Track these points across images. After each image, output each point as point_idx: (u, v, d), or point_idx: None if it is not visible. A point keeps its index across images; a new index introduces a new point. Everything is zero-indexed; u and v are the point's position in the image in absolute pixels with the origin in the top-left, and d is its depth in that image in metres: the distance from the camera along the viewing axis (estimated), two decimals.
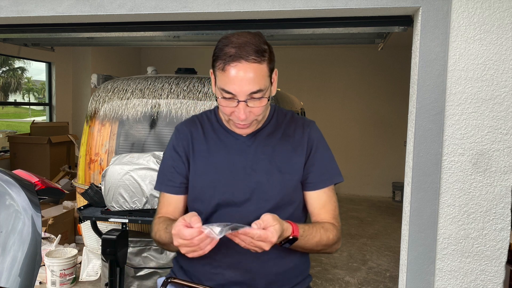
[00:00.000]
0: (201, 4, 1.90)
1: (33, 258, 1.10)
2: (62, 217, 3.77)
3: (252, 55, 1.06)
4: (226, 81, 1.08)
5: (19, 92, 9.99)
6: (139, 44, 4.37)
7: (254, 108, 1.11)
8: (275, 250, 1.17)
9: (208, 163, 1.23)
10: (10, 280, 1.04)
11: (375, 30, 2.24)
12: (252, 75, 1.07)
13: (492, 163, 1.76)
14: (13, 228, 1.11)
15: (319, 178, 1.23)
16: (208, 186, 1.21)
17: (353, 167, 6.51)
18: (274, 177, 1.19)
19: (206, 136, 1.26)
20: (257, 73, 1.08)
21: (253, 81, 1.07)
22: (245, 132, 1.20)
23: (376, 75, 6.41)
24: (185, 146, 1.26)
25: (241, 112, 1.09)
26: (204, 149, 1.24)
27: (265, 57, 1.10)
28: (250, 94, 1.08)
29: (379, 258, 3.87)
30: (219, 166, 1.22)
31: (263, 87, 1.10)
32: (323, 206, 1.23)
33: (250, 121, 1.14)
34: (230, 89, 1.08)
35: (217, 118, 1.29)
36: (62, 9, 2.03)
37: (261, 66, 1.09)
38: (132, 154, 2.56)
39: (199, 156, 1.24)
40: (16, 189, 1.17)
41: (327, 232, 1.18)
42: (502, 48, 1.72)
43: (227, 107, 1.11)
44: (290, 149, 1.23)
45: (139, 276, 2.60)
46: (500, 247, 1.79)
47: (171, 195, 1.27)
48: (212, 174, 1.22)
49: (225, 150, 1.23)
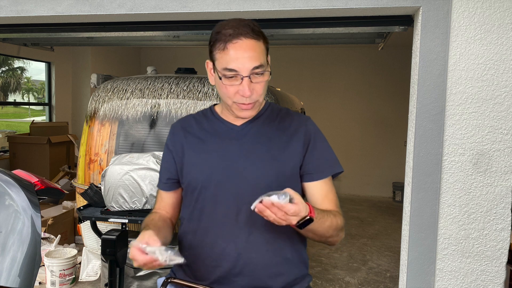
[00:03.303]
0: (201, 3, 1.90)
1: (33, 258, 1.10)
2: (61, 217, 3.77)
3: (249, 32, 1.11)
4: (228, 60, 1.10)
5: (18, 92, 9.99)
6: (139, 44, 4.37)
7: (257, 86, 1.13)
8: (274, 241, 1.19)
9: (202, 151, 1.24)
10: (10, 280, 1.04)
11: (375, 30, 2.24)
12: (252, 50, 1.10)
13: (493, 163, 1.76)
14: (12, 228, 1.10)
15: (319, 169, 1.23)
16: (202, 173, 1.22)
17: (353, 167, 6.51)
18: (269, 165, 1.19)
19: (200, 128, 1.28)
20: (257, 49, 1.11)
21: (254, 56, 1.10)
22: (249, 115, 1.20)
23: (376, 75, 6.41)
24: (177, 142, 1.28)
25: (246, 89, 1.11)
26: (197, 140, 1.26)
27: (260, 36, 1.14)
28: (252, 70, 1.10)
29: (379, 258, 3.87)
30: (213, 153, 1.23)
31: (263, 63, 1.13)
32: (326, 196, 1.23)
33: (254, 100, 1.15)
34: (233, 66, 1.10)
35: (212, 112, 1.30)
36: (61, 8, 2.03)
37: (259, 43, 1.13)
38: (132, 154, 2.55)
39: (193, 146, 1.25)
40: (16, 189, 1.17)
41: (336, 218, 1.17)
42: (502, 48, 1.72)
43: (231, 86, 1.13)
44: (286, 139, 1.23)
45: (139, 276, 2.60)
46: (501, 247, 1.79)
47: (162, 191, 1.33)
48: (206, 161, 1.23)
49: (220, 138, 1.24)
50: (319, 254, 3.92)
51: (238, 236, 1.18)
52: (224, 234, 1.19)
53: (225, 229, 1.19)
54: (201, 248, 1.22)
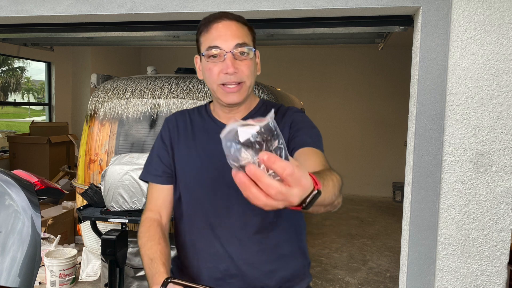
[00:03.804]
0: (201, 3, 1.90)
1: (33, 258, 1.10)
2: (61, 217, 3.77)
3: (233, 17, 1.12)
4: (211, 38, 1.10)
5: (18, 92, 10.00)
6: (139, 44, 4.37)
7: (242, 65, 1.10)
8: (267, 240, 1.16)
9: (191, 148, 1.21)
10: (10, 280, 1.04)
11: (375, 30, 2.24)
12: (236, 29, 1.10)
13: (493, 163, 1.76)
14: (12, 228, 1.10)
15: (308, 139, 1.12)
16: (190, 171, 1.19)
17: (353, 167, 6.51)
18: None
19: (192, 124, 1.25)
20: (240, 30, 1.11)
21: (237, 35, 1.10)
22: (235, 100, 1.13)
23: (376, 75, 6.41)
24: (171, 134, 1.25)
25: (229, 64, 1.08)
26: (187, 136, 1.23)
27: (246, 24, 1.14)
28: (235, 47, 1.09)
29: (379, 259, 3.87)
30: (201, 151, 1.19)
31: (248, 43, 1.11)
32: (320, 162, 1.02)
33: (239, 80, 1.10)
34: (216, 42, 1.09)
35: (206, 109, 1.28)
36: (61, 8, 2.03)
37: (244, 27, 1.13)
38: (132, 154, 2.55)
39: (182, 142, 1.23)
40: (16, 189, 1.17)
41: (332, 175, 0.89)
42: (502, 48, 1.72)
43: (215, 66, 1.10)
44: None
45: (139, 276, 2.60)
46: (501, 248, 1.79)
47: (157, 185, 1.24)
48: (194, 159, 1.19)
49: (209, 137, 1.20)
50: (319, 254, 3.92)
51: (229, 238, 1.15)
52: (214, 235, 1.16)
53: (215, 230, 1.16)
54: (194, 250, 1.20)
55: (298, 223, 1.24)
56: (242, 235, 1.16)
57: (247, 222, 1.15)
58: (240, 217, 1.15)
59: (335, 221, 5.06)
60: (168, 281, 1.02)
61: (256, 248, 1.16)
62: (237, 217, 1.15)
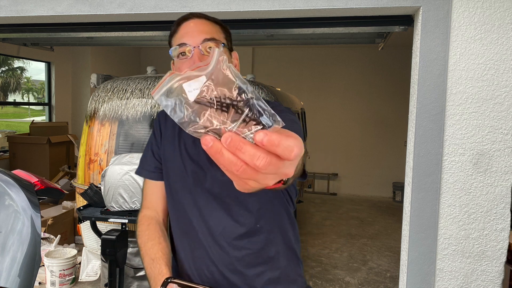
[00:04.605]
0: (201, 3, 1.90)
1: (33, 258, 1.10)
2: (61, 217, 3.77)
3: (203, 16, 1.08)
4: (179, 37, 1.06)
5: (18, 92, 10.00)
6: (139, 44, 4.37)
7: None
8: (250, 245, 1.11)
9: (175, 146, 1.18)
10: (10, 280, 1.04)
11: (375, 29, 2.24)
12: (204, 26, 1.06)
13: (493, 163, 1.76)
14: (12, 228, 1.10)
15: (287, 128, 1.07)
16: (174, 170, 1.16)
17: (353, 167, 6.51)
18: None
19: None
20: (209, 26, 1.07)
21: (206, 30, 1.06)
22: None
23: (376, 74, 6.41)
24: (161, 129, 1.23)
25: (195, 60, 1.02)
26: (174, 133, 1.20)
27: (217, 23, 1.10)
28: (203, 42, 1.04)
29: (379, 259, 3.87)
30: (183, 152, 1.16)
31: (218, 39, 1.07)
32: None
33: None
34: (183, 40, 1.05)
35: None
36: (61, 8, 2.03)
37: (215, 25, 1.08)
38: (132, 154, 2.55)
39: (169, 139, 1.20)
40: (16, 189, 1.17)
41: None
42: (502, 48, 1.72)
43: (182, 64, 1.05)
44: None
45: (139, 276, 2.60)
46: (501, 248, 1.79)
47: (151, 181, 1.22)
48: (178, 158, 1.16)
49: (192, 137, 1.13)
50: (319, 254, 3.92)
51: (211, 244, 1.12)
52: (198, 240, 1.13)
53: (198, 235, 1.13)
54: (184, 253, 1.17)
55: (281, 223, 1.18)
56: (222, 241, 1.12)
57: (226, 227, 1.11)
58: (220, 222, 1.11)
59: (335, 221, 5.06)
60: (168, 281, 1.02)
61: (237, 253, 1.11)
62: (217, 221, 1.11)
